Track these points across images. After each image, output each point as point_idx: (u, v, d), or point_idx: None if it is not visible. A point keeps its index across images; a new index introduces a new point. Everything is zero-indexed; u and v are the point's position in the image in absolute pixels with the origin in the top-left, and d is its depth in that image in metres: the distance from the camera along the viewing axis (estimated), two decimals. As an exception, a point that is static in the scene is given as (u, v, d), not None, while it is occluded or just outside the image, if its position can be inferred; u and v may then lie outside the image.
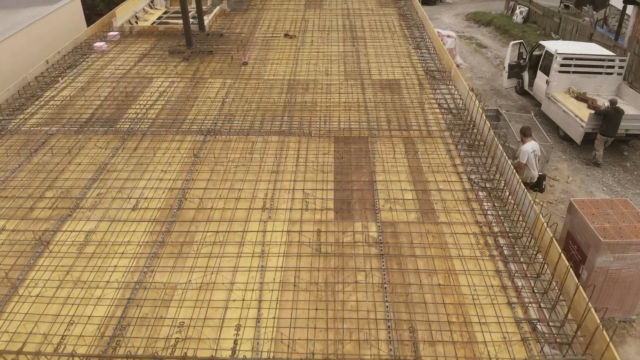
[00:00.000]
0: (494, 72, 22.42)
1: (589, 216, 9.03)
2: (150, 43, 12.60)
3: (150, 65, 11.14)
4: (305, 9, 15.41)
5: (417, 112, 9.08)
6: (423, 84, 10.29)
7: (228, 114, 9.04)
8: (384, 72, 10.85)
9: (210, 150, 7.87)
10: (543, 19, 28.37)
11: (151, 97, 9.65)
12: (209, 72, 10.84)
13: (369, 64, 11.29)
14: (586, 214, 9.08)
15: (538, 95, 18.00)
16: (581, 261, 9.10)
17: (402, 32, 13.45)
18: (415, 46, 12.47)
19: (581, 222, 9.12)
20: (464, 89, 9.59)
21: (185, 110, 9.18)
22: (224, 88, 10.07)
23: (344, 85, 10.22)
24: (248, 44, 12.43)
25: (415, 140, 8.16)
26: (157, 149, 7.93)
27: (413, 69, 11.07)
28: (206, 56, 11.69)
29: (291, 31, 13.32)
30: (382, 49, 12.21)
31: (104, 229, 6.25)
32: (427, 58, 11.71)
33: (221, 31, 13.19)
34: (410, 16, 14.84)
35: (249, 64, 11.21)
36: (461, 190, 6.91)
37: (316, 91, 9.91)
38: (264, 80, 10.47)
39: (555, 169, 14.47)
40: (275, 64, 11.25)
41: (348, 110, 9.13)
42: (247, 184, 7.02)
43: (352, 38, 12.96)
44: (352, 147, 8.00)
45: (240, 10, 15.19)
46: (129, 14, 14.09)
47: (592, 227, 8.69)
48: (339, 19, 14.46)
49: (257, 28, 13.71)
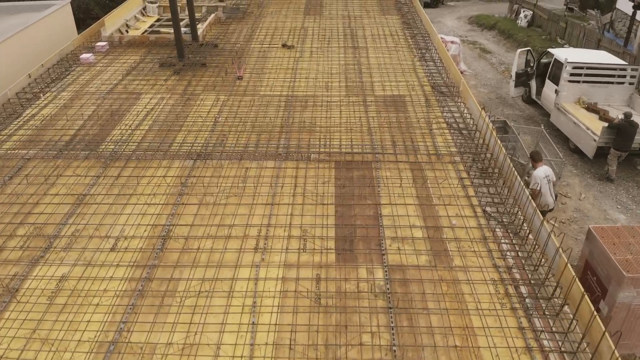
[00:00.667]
0: (500, 79, 21.75)
1: (610, 246, 8.35)
2: (141, 54, 11.93)
3: (139, 80, 10.46)
4: (305, 16, 14.74)
5: (425, 133, 8.41)
6: (430, 100, 9.61)
7: (220, 134, 8.37)
8: (387, 87, 10.17)
9: (199, 178, 7.19)
10: (548, 23, 27.70)
11: (138, 115, 8.97)
12: (202, 87, 10.16)
13: (371, 77, 10.62)
14: (607, 243, 8.40)
15: (546, 105, 17.32)
16: (601, 295, 8.42)
17: (406, 41, 12.77)
18: (420, 57, 11.80)
19: (601, 252, 8.44)
20: (474, 106, 8.92)
21: (174, 130, 8.51)
22: (216, 105, 9.40)
23: (345, 101, 9.54)
24: (244, 55, 11.76)
25: (424, 166, 7.48)
26: (141, 177, 7.25)
27: (419, 83, 10.39)
28: (199, 69, 11.01)
29: (289, 41, 12.64)
30: (385, 60, 11.54)
31: (78, 274, 5.58)
32: (434, 70, 11.04)
33: (215, 41, 12.51)
34: (414, 23, 14.17)
35: (244, 78, 10.53)
36: (476, 227, 6.23)
37: (316, 108, 9.24)
38: (260, 96, 9.79)
39: (566, 184, 13.79)
40: (272, 77, 10.57)
41: (350, 131, 8.46)
42: (239, 219, 6.34)
43: (353, 48, 12.29)
44: (355, 173, 7.33)
45: (237, 17, 14.52)
46: (119, 23, 13.42)
47: (614, 260, 8.01)
48: (340, 27, 13.79)
49: (253, 37, 13.04)
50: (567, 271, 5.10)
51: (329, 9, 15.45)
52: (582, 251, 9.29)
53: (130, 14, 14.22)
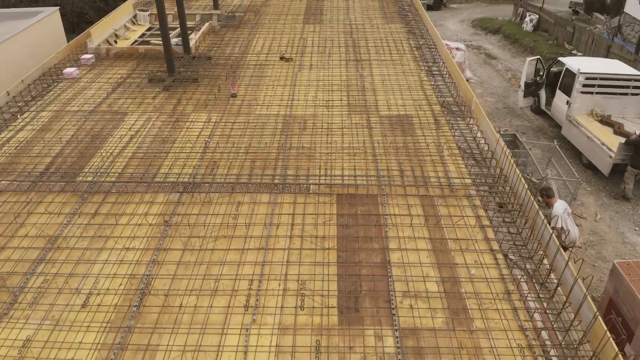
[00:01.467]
0: (506, 87, 20.99)
1: (637, 285, 7.60)
2: (129, 67, 11.17)
3: (125, 97, 9.71)
4: (304, 25, 13.99)
5: (435, 159, 7.66)
6: (439, 120, 8.86)
7: (211, 161, 7.62)
8: (393, 105, 9.42)
9: (185, 216, 6.44)
10: (555, 28, 26.94)
11: (121, 139, 8.22)
12: (192, 106, 9.41)
13: (375, 94, 9.86)
14: (633, 281, 7.66)
15: (557, 117, 16.56)
16: (627, 338, 7.66)
17: (412, 52, 12.02)
18: (427, 70, 11.05)
19: (628, 291, 7.69)
20: (489, 128, 8.17)
21: (160, 156, 7.75)
22: (208, 126, 8.65)
23: (347, 122, 8.79)
24: (238, 69, 11.00)
25: (436, 200, 6.73)
26: (121, 214, 6.49)
27: (426, 100, 9.64)
28: (190, 84, 10.26)
29: (287, 53, 11.89)
30: (389, 73, 10.79)
31: (44, 338, 4.83)
32: (442, 85, 10.29)
33: (209, 53, 11.76)
34: (419, 32, 13.42)
35: (238, 95, 9.77)
36: (498, 278, 5.48)
37: (315, 130, 8.49)
38: (255, 115, 9.04)
39: (580, 204, 13.04)
40: (269, 94, 9.82)
41: (353, 157, 7.71)
42: (228, 268, 5.59)
43: (355, 60, 11.53)
44: (359, 208, 6.58)
45: (232, 26, 13.77)
46: (107, 33, 12.67)
47: (644, 301, 7.27)
48: (341, 37, 13.03)
49: (249, 48, 12.29)
50: (607, 341, 4.35)
51: (330, 16, 14.70)
52: (606, 288, 8.54)
53: (119, 22, 13.47)
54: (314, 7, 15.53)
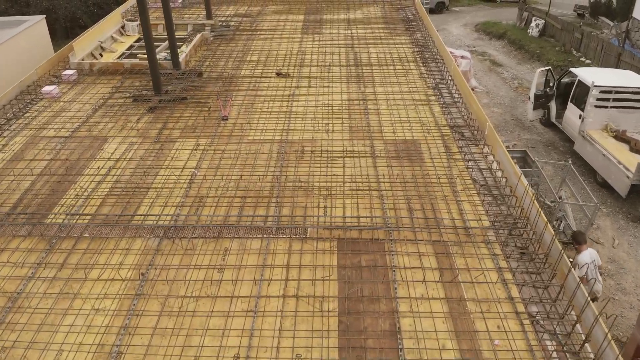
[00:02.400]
0: (513, 97, 20.19)
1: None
2: (113, 84, 10.38)
3: (107, 120, 8.91)
4: (302, 36, 13.20)
5: (448, 195, 6.86)
6: (450, 147, 8.06)
7: (196, 198, 6.82)
8: (398, 128, 8.63)
9: (164, 268, 5.63)
10: (562, 34, 26.15)
11: (99, 171, 7.42)
12: (179, 129, 8.61)
13: (379, 115, 9.07)
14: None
15: (568, 131, 15.76)
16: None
17: (417, 67, 11.23)
18: (435, 87, 10.26)
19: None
20: (505, 157, 7.37)
21: (141, 192, 6.96)
22: (195, 154, 7.85)
23: (349, 148, 8.00)
24: (231, 86, 10.20)
25: (451, 248, 5.92)
26: (92, 266, 5.69)
27: (435, 123, 8.85)
28: (178, 104, 9.46)
29: (284, 68, 11.09)
30: (394, 92, 9.99)
31: None
32: (451, 105, 9.50)
33: (200, 68, 10.96)
34: (425, 44, 12.64)
35: (231, 116, 8.98)
36: (526, 350, 4.67)
37: (314, 160, 7.69)
38: (248, 141, 8.25)
39: (596, 227, 12.24)
40: (264, 116, 9.03)
41: (355, 193, 6.91)
42: (210, 339, 4.79)
43: (357, 77, 10.74)
44: (363, 258, 5.78)
45: (226, 37, 12.97)
46: (91, 46, 11.87)
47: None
48: (342, 50, 12.24)
49: (244, 62, 11.49)
50: None
51: (330, 27, 13.91)
52: (633, 334, 7.73)
53: (106, 33, 12.67)
54: (313, 16, 14.74)
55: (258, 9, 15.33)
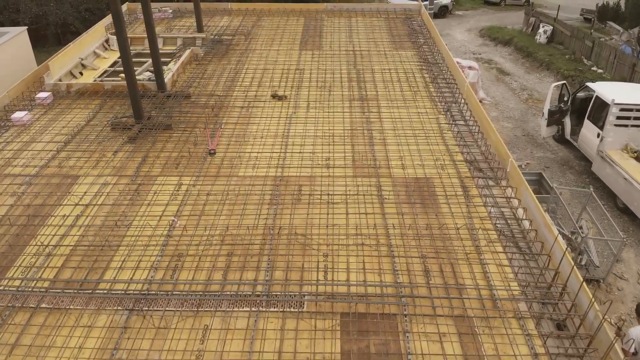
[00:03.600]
0: (524, 110, 19.19)
1: None
2: (92, 108, 9.39)
3: (81, 152, 7.92)
4: (301, 51, 12.20)
5: (469, 251, 5.86)
6: (468, 187, 7.07)
7: (173, 256, 5.82)
8: (408, 163, 7.64)
9: (132, 350, 4.64)
10: (571, 41, 25.15)
11: (65, 220, 6.43)
12: (161, 164, 7.62)
13: (386, 146, 8.08)
14: None
15: (585, 150, 14.77)
16: None
17: (426, 87, 10.23)
18: (447, 110, 9.28)
19: None
20: (533, 203, 6.38)
21: (111, 248, 5.96)
22: (176, 197, 6.86)
23: (352, 188, 7.01)
24: (222, 111, 9.21)
25: (477, 325, 4.92)
26: (48, 347, 4.70)
27: (448, 155, 7.86)
28: (161, 133, 8.48)
29: (281, 89, 10.10)
30: (401, 117, 9.01)
31: None
32: (465, 132, 8.52)
33: (188, 90, 9.96)
34: (433, 59, 11.65)
35: (219, 148, 8.00)
36: None
37: (313, 204, 6.70)
38: (237, 178, 7.27)
39: (619, 260, 11.23)
40: (256, 148, 8.03)
41: (361, 250, 5.91)
42: None
43: (361, 99, 9.75)
44: (373, 340, 4.80)
45: (218, 53, 11.97)
46: (71, 63, 10.88)
47: None
48: (343, 66, 11.25)
49: (236, 81, 10.50)
50: None
51: (330, 40, 12.91)
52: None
53: (88, 49, 11.68)
54: (312, 28, 13.75)
55: (253, 21, 14.34)
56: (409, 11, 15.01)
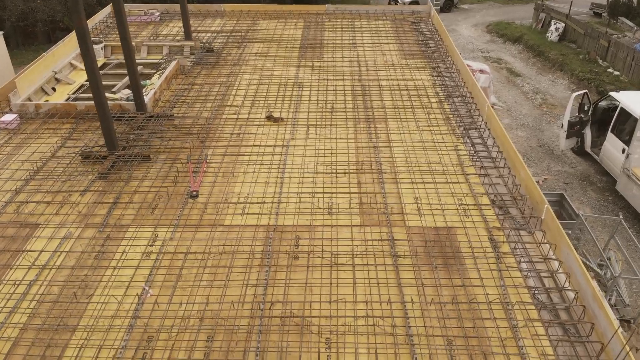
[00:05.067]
0: (538, 116, 18.02)
1: None
2: (62, 133, 8.27)
3: (44, 193, 6.80)
4: (300, 61, 11.03)
5: (506, 339, 4.76)
6: (497, 240, 5.95)
7: (142, 341, 4.72)
8: (425, 206, 6.52)
9: None
10: (584, 39, 23.89)
11: (16, 288, 5.32)
12: (134, 209, 6.50)
13: (398, 186, 6.95)
14: None
15: (608, 166, 13.63)
16: None
17: (441, 108, 9.09)
18: (464, 135, 8.15)
19: None
20: (579, 268, 5.27)
21: (66, 330, 4.86)
22: (150, 254, 5.76)
23: (359, 242, 5.90)
24: (209, 138, 8.08)
25: None
26: None
27: (471, 195, 6.74)
28: (138, 166, 7.36)
29: (276, 110, 8.96)
30: (414, 145, 7.89)
31: None
32: (489, 165, 7.39)
33: (171, 111, 8.82)
34: (447, 71, 10.49)
35: (203, 188, 6.88)
36: None
37: (313, 267, 5.59)
38: (223, 228, 6.16)
39: (653, 295, 10.14)
40: (246, 187, 6.91)
41: (372, 331, 4.81)
42: None
43: (367, 121, 8.62)
44: None
45: (208, 63, 10.81)
46: (42, 78, 9.73)
47: None
48: (347, 82, 10.09)
49: (227, 99, 9.36)
50: None
51: (332, 47, 11.74)
52: None
53: (62, 60, 10.52)
54: (312, 34, 12.56)
55: (248, 25, 13.14)
56: (418, 13, 13.81)
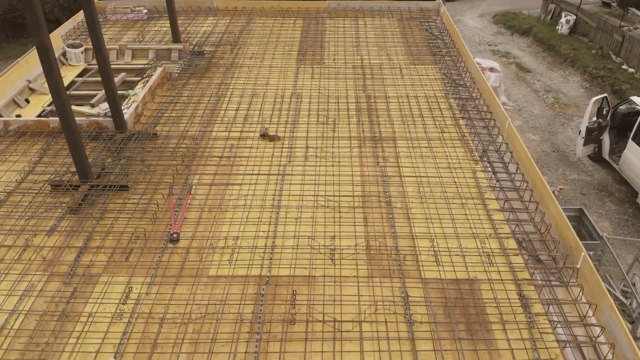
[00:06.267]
0: (550, 117, 17.07)
1: None
2: (32, 157, 7.35)
3: (3, 235, 5.91)
4: (298, 66, 10.08)
5: None
6: (527, 296, 5.08)
7: None
8: (443, 253, 5.63)
9: None
10: (597, 33, 22.83)
11: (-46, 365, 4.47)
12: (106, 255, 5.62)
13: (411, 227, 6.05)
14: None
15: (628, 175, 12.73)
16: None
17: (456, 123, 8.17)
18: (483, 159, 7.25)
19: None
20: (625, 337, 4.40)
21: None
22: (122, 315, 4.89)
23: (368, 300, 5.03)
24: (195, 162, 7.17)
25: None
26: None
27: (496, 237, 5.85)
28: (114, 196, 6.46)
29: (272, 125, 8.04)
30: (427, 170, 7.00)
31: None
32: (513, 197, 6.49)
33: (153, 128, 7.90)
34: (460, 78, 9.54)
35: (186, 227, 5.99)
36: None
37: (313, 332, 4.73)
38: (206, 280, 5.28)
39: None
40: (236, 227, 6.02)
41: None
42: None
43: (373, 139, 7.71)
44: None
45: (197, 69, 9.85)
46: (15, 88, 8.80)
47: None
48: (350, 91, 9.15)
49: (217, 112, 8.43)
50: None
51: (334, 50, 10.77)
52: None
53: (37, 68, 9.53)
54: (312, 34, 11.57)
55: (242, 24, 12.14)
56: (427, 10, 12.79)
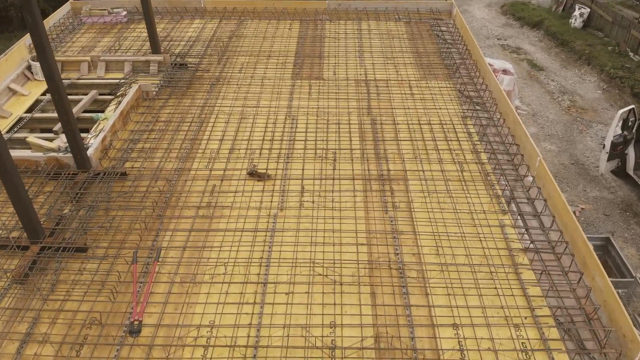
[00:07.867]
0: (567, 123, 15.85)
1: None
2: (-24, 202, 6.21)
3: None
4: (294, 82, 8.87)
5: None
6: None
7: None
8: (470, 343, 4.52)
9: None
10: (612, 28, 21.49)
11: None
12: (54, 348, 4.51)
13: (429, 302, 4.93)
14: None
15: (660, 195, 11.57)
16: None
17: (476, 156, 7.00)
18: (511, 206, 6.11)
19: None
20: None
21: None
22: None
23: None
24: (167, 213, 6.02)
25: None
26: None
27: (535, 326, 4.73)
28: (70, 263, 5.33)
29: (262, 160, 6.87)
30: (446, 225, 5.84)
31: None
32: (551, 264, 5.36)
33: (124, 164, 6.73)
34: (478, 98, 8.36)
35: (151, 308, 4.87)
36: None
37: None
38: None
39: None
40: (211, 307, 4.89)
41: None
42: None
43: (380, 179, 6.56)
44: None
45: (179, 86, 8.65)
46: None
47: None
48: (353, 117, 7.96)
49: (198, 144, 7.26)
50: None
51: (335, 62, 9.54)
52: None
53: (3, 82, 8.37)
54: (310, 40, 10.33)
55: (232, 27, 10.89)
56: (437, 12, 11.53)
